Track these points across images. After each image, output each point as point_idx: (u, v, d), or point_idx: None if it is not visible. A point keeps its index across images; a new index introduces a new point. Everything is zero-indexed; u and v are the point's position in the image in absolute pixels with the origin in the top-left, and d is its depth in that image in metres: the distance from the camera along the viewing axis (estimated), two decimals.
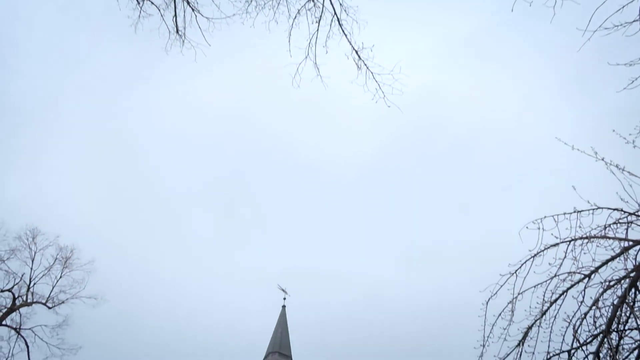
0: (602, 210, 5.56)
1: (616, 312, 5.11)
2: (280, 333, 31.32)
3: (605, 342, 5.07)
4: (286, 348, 30.66)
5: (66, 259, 16.25)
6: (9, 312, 14.92)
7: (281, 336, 31.07)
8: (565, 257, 5.67)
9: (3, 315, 15.03)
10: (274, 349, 30.10)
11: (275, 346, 30.32)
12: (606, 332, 5.04)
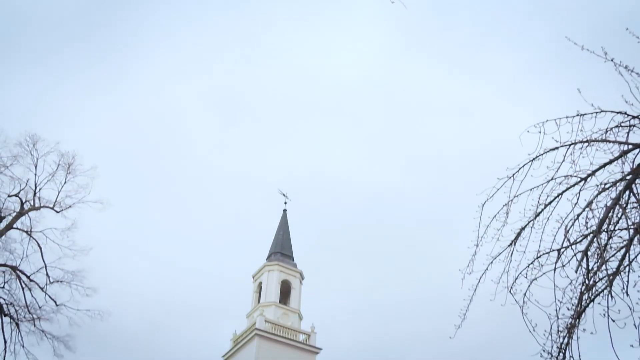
0: (605, 113, 5.47)
1: (608, 213, 5.24)
2: (282, 235, 32.63)
3: (595, 241, 5.26)
4: (288, 249, 32.12)
5: (69, 165, 16.43)
6: (18, 215, 15.40)
7: (283, 238, 32.40)
8: (563, 160, 5.70)
9: (13, 219, 15.53)
10: (276, 249, 31.54)
11: (277, 247, 31.74)
12: (596, 232, 5.21)
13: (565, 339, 5.50)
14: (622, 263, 5.20)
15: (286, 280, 29.28)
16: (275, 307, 27.24)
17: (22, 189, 15.75)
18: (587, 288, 5.24)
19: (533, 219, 5.99)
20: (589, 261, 5.34)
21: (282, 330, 25.87)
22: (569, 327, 5.37)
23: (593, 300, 5.30)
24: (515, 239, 6.17)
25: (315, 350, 26.12)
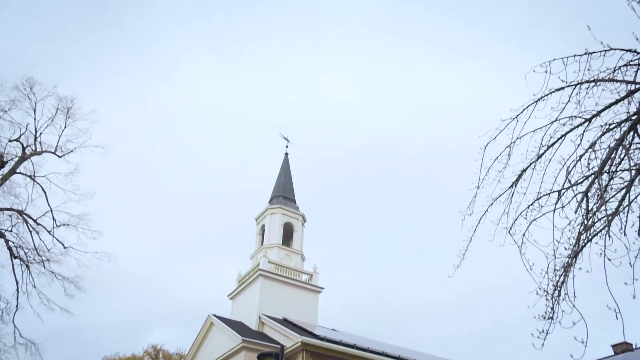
0: (614, 51, 5.31)
1: (611, 154, 5.22)
2: (284, 178, 32.80)
3: (596, 182, 5.28)
4: (290, 192, 32.38)
5: (68, 109, 16.28)
6: (20, 160, 15.45)
7: (285, 181, 32.59)
8: (568, 101, 5.60)
9: (16, 164, 15.60)
10: (278, 192, 31.81)
11: (279, 190, 32.00)
12: (598, 173, 5.22)
13: (561, 277, 5.65)
14: (621, 204, 5.24)
15: (289, 222, 29.76)
16: (278, 249, 27.89)
17: (22, 134, 15.72)
18: (585, 228, 5.31)
19: (535, 161, 5.98)
20: (589, 202, 5.39)
21: (285, 271, 26.62)
22: (566, 266, 5.50)
23: (590, 240, 5.39)
24: (516, 181, 6.19)
25: (318, 289, 26.99)
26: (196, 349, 25.15)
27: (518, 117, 6.07)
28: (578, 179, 5.62)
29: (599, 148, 5.37)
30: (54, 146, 16.18)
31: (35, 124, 15.89)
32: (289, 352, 19.66)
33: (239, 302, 26.85)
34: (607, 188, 5.28)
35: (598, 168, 5.24)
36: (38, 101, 15.84)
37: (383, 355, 21.15)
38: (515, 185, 6.26)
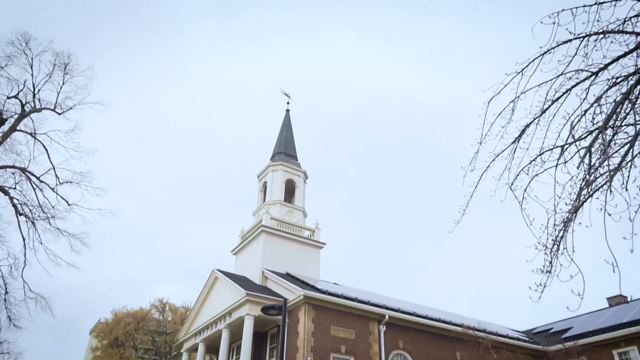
0: (625, 1, 5.13)
1: (617, 108, 5.14)
2: (285, 135, 32.66)
3: (600, 137, 5.23)
4: (291, 149, 32.32)
5: (65, 65, 15.99)
6: (20, 117, 15.35)
7: (286, 138, 32.48)
8: (576, 54, 5.46)
9: (16, 121, 15.51)
10: (279, 149, 31.77)
11: (281, 147, 31.94)
12: (602, 128, 5.15)
13: (561, 232, 5.69)
14: (624, 159, 5.21)
15: (290, 179, 29.88)
16: (280, 205, 28.14)
17: (20, 90, 15.53)
18: (587, 184, 5.30)
19: (539, 116, 5.90)
20: (592, 157, 5.35)
21: (287, 227, 26.96)
22: (566, 221, 5.53)
23: (592, 196, 5.39)
24: (519, 136, 6.14)
25: (320, 245, 27.42)
26: (201, 302, 25.84)
27: (523, 71, 5.95)
28: (582, 134, 5.57)
29: (604, 102, 5.28)
30: (53, 103, 16.03)
31: (32, 81, 15.69)
32: (292, 305, 20.20)
33: (243, 258, 27.36)
34: (610, 143, 5.23)
35: (603, 123, 5.18)
36: (34, 57, 15.57)
37: (384, 307, 21.73)
38: (518, 140, 6.21)
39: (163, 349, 45.60)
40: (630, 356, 22.94)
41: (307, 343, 18.95)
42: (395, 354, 21.28)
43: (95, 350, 45.23)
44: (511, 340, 25.08)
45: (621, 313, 25.83)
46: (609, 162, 5.17)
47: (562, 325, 29.83)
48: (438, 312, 26.37)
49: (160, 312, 46.73)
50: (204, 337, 24.03)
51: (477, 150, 6.40)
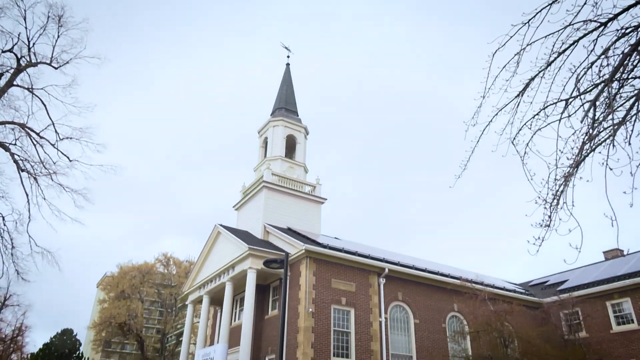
0: None
1: (624, 60, 5.03)
2: (286, 90, 32.24)
3: (605, 90, 5.14)
4: (292, 104, 31.99)
5: (59, 17, 15.57)
6: (16, 72, 15.11)
7: (286, 93, 32.07)
8: (585, 3, 5.28)
9: (12, 76, 15.28)
10: (280, 105, 31.44)
11: (281, 102, 31.60)
12: (609, 81, 5.06)
13: (561, 186, 5.71)
14: (629, 112, 5.14)
15: (291, 135, 29.73)
16: (281, 161, 28.15)
17: (15, 44, 15.19)
18: (589, 138, 5.27)
19: (544, 69, 5.78)
20: (596, 111, 5.29)
21: (288, 182, 27.08)
22: (567, 175, 5.53)
23: (594, 150, 5.37)
24: (523, 90, 6.04)
25: (320, 200, 27.62)
26: (205, 256, 26.32)
27: (530, 22, 5.78)
28: (587, 87, 5.47)
29: (612, 54, 5.16)
30: (49, 57, 15.73)
31: (27, 34, 15.32)
32: (293, 259, 20.58)
33: (244, 213, 27.64)
34: (616, 96, 5.15)
35: (609, 75, 5.07)
36: (27, 9, 15.13)
37: (383, 261, 22.14)
38: (522, 94, 6.11)
39: (168, 301, 46.92)
40: (624, 307, 23.57)
41: (309, 295, 19.45)
42: (394, 305, 21.87)
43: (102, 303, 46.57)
44: (508, 292, 25.70)
45: (617, 266, 26.34)
46: (614, 116, 5.11)
47: (558, 278, 30.49)
48: (437, 265, 26.90)
49: (165, 265, 47.74)
50: (208, 289, 24.64)
51: (480, 105, 6.32)
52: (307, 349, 18.54)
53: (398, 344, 21.25)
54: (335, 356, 19.21)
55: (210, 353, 21.45)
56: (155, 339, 53.64)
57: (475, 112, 6.35)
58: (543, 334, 20.62)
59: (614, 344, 23.19)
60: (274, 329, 21.26)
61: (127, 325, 41.19)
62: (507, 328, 20.79)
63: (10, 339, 44.57)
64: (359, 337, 20.00)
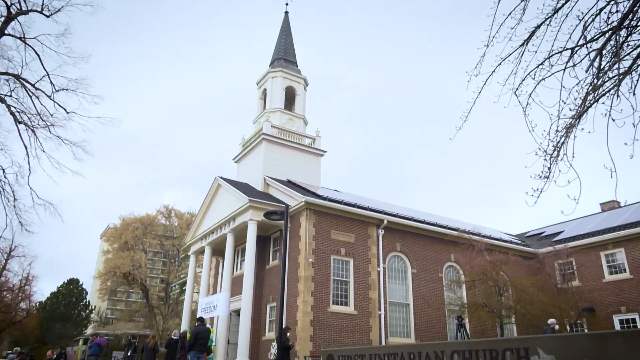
0: None
1: (634, 6, 4.87)
2: (285, 40, 31.48)
3: (612, 38, 5.02)
4: (291, 54, 31.33)
5: None
6: (7, 20, 14.67)
7: (285, 43, 31.34)
8: None
9: (3, 24, 14.84)
10: (279, 55, 30.80)
11: (280, 53, 30.94)
12: (617, 28, 4.93)
13: (563, 138, 5.68)
14: (635, 62, 5.04)
15: (290, 86, 29.30)
16: (280, 113, 27.89)
17: None
18: (594, 88, 5.19)
19: (551, 16, 5.61)
20: (602, 60, 5.18)
21: (288, 135, 26.95)
22: (568, 126, 5.49)
23: (597, 101, 5.30)
24: (528, 38, 5.89)
25: (320, 152, 27.59)
26: (206, 208, 26.59)
27: None
28: (594, 35, 5.33)
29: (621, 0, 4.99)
30: (39, 5, 15.23)
31: None
32: (293, 211, 20.80)
33: (244, 166, 27.69)
34: (623, 45, 5.04)
35: (617, 22, 4.94)
36: None
37: (382, 213, 22.40)
38: (527, 43, 5.97)
39: (171, 252, 47.82)
40: (617, 257, 24.08)
41: (309, 246, 19.81)
42: (392, 255, 22.32)
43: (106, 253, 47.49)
44: (504, 243, 26.17)
45: (612, 218, 26.69)
46: (620, 65, 5.02)
47: (554, 229, 30.96)
48: (435, 217, 27.24)
49: (167, 217, 48.30)
50: (209, 240, 25.05)
51: (483, 54, 6.19)
52: (307, 297, 19.08)
53: (396, 292, 21.85)
54: (335, 304, 19.81)
55: (213, 301, 22.10)
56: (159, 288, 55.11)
57: (479, 61, 6.23)
58: (537, 283, 21.16)
59: (605, 293, 23.86)
60: (274, 278, 21.81)
61: (132, 275, 42.18)
62: (502, 277, 21.32)
63: (18, 288, 45.76)
64: (358, 286, 20.54)
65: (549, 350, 6.65)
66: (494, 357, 7.41)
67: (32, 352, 34.13)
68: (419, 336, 21.30)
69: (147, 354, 17.08)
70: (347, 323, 19.63)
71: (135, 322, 58.15)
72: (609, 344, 6.04)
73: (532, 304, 18.76)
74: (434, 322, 22.17)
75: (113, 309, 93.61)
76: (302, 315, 18.79)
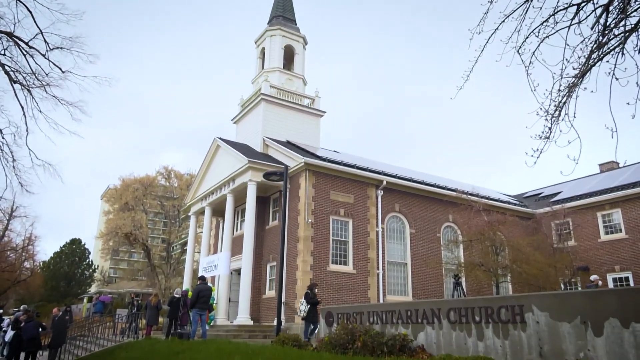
0: None
1: None
2: None
3: None
4: (289, 12, 30.57)
5: None
6: None
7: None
8: None
9: None
10: (277, 12, 30.04)
11: (278, 10, 30.16)
12: None
13: (565, 97, 5.62)
14: None
15: (289, 45, 28.74)
16: (279, 73, 27.47)
17: None
18: (598, 46, 5.09)
19: None
20: (608, 17, 5.06)
21: (287, 95, 26.64)
22: (571, 85, 5.42)
23: (602, 59, 5.21)
24: None
25: (319, 113, 27.36)
26: (205, 169, 26.61)
27: None
28: None
29: None
30: None
31: None
32: (293, 171, 20.83)
33: (243, 126, 27.51)
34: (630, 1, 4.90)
35: None
36: None
37: (381, 174, 22.45)
38: None
39: (172, 213, 48.18)
40: (613, 218, 24.33)
41: (308, 207, 19.95)
42: (391, 216, 22.53)
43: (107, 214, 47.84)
44: (502, 203, 26.36)
45: (611, 178, 26.78)
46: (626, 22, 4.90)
47: (552, 190, 31.13)
48: (434, 177, 27.32)
49: (166, 178, 48.39)
50: (209, 201, 25.20)
51: (486, 10, 6.03)
52: (307, 256, 19.38)
53: (394, 252, 22.19)
54: (334, 263, 20.14)
55: (214, 260, 22.46)
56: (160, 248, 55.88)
57: (482, 18, 6.07)
58: (533, 243, 21.46)
59: (600, 252, 24.25)
60: (274, 239, 22.08)
61: (133, 235, 42.64)
62: (499, 237, 21.60)
63: (21, 248, 46.37)
64: (357, 245, 20.83)
65: (543, 307, 6.81)
66: (489, 314, 7.60)
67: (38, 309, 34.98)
68: (416, 294, 21.79)
69: (150, 311, 17.48)
70: (346, 282, 20.02)
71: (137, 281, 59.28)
72: (601, 301, 6.19)
73: (527, 263, 19.08)
74: (431, 280, 22.62)
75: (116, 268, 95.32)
76: (302, 274, 19.14)
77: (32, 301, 53.84)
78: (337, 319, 11.27)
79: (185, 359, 10.06)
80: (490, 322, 7.52)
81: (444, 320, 8.40)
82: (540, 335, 6.72)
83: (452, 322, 8.24)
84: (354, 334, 9.21)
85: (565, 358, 6.29)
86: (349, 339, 9.19)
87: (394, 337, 8.80)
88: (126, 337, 18.12)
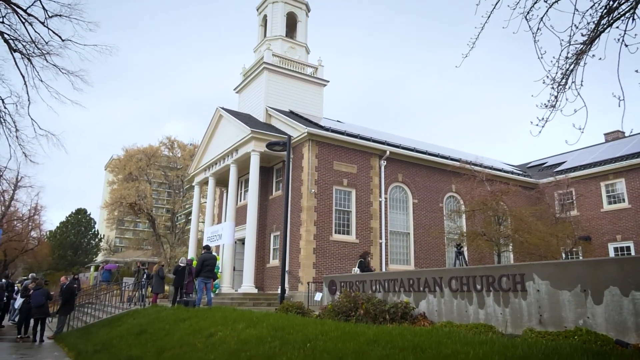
0: None
1: None
2: None
3: None
4: None
5: None
6: None
7: None
8: None
9: None
10: None
11: None
12: None
13: (572, 65, 5.52)
14: None
15: (291, 12, 28.19)
16: (281, 41, 27.05)
17: None
18: (609, 11, 4.96)
19: None
20: None
21: (290, 64, 26.30)
22: (579, 52, 5.31)
23: (611, 25, 5.08)
24: None
25: (323, 82, 27.06)
26: (208, 139, 26.55)
27: None
28: None
29: None
30: None
31: None
32: (296, 142, 20.77)
33: (246, 96, 27.29)
34: None
35: None
36: None
37: (385, 144, 22.36)
38: None
39: (175, 183, 48.38)
40: (617, 187, 24.30)
41: (311, 177, 19.97)
42: (394, 186, 22.56)
43: (112, 184, 48.08)
44: (505, 173, 26.31)
45: (615, 148, 26.61)
46: None
47: (556, 159, 31.00)
48: (437, 147, 27.20)
49: (170, 149, 48.39)
50: (213, 171, 25.25)
51: None
52: (310, 226, 19.52)
53: (397, 222, 22.32)
54: (337, 233, 20.30)
55: (218, 230, 22.67)
56: (165, 218, 56.36)
57: None
58: (536, 212, 21.50)
59: (602, 222, 24.32)
60: (278, 208, 22.21)
61: (138, 205, 42.93)
62: (502, 207, 21.63)
63: (27, 217, 46.85)
64: (360, 215, 20.94)
65: (544, 276, 6.87)
66: (490, 283, 7.69)
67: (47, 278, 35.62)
68: (418, 263, 22.02)
69: (155, 279, 17.80)
70: (348, 251, 20.22)
71: (143, 250, 60.06)
72: (602, 270, 6.23)
73: (530, 233, 19.16)
74: (433, 250, 22.82)
75: (121, 237, 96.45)
76: (305, 243, 19.32)
77: (40, 270, 54.79)
78: (340, 288, 11.44)
79: (191, 325, 10.27)
80: (492, 291, 7.61)
81: (445, 289, 8.51)
82: (540, 303, 6.81)
83: (453, 290, 8.35)
84: (357, 302, 9.36)
85: (565, 325, 6.39)
86: (352, 307, 9.34)
87: (396, 305, 8.94)
88: (133, 305, 18.49)
